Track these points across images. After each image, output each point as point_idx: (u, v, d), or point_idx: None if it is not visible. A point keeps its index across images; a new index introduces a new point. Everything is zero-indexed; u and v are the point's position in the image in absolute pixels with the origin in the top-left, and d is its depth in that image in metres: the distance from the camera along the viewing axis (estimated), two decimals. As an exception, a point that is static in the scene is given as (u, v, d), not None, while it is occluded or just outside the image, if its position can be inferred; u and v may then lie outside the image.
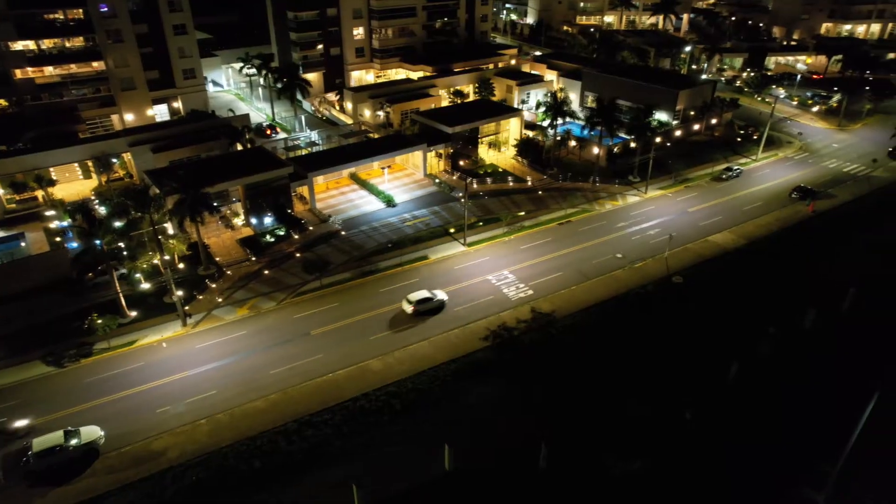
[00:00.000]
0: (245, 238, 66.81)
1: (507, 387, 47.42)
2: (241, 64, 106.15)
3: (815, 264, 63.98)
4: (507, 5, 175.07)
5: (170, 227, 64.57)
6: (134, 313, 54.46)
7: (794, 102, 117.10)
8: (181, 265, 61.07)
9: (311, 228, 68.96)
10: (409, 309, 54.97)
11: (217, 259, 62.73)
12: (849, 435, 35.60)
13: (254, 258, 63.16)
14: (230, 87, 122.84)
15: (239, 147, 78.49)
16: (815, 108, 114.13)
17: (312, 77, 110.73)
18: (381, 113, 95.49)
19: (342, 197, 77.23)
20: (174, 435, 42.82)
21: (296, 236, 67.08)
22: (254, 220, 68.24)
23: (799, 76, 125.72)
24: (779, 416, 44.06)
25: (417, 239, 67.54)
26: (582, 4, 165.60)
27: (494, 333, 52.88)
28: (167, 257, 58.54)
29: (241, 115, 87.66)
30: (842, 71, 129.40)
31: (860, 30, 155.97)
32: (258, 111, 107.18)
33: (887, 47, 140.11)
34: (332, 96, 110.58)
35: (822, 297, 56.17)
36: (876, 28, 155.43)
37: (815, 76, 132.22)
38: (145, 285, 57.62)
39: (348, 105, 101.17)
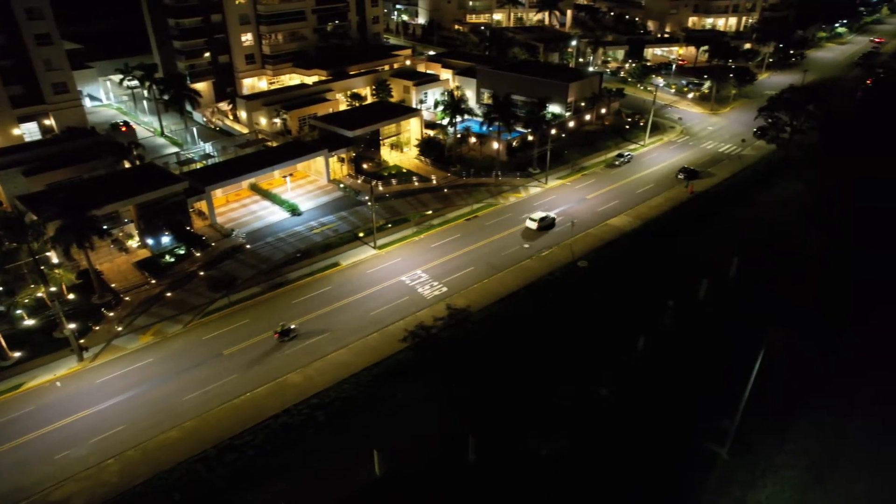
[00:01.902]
0: (142, 260, 62.87)
1: (429, 385, 47.83)
2: (121, 76, 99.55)
3: (702, 238, 69.31)
4: (398, 6, 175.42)
5: (54, 256, 59.51)
6: (17, 354, 49.80)
7: (672, 90, 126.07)
8: (71, 296, 56.53)
9: (213, 244, 66.02)
10: (533, 226, 69.88)
11: (112, 285, 58.59)
12: (742, 391, 38.98)
13: (154, 281, 59.60)
14: (110, 101, 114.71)
15: (127, 164, 73.63)
16: (691, 95, 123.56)
17: (202, 87, 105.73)
18: (277, 120, 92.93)
19: (244, 209, 74.50)
20: (77, 481, 39.63)
21: (198, 254, 63.98)
22: (150, 241, 64.36)
23: (673, 66, 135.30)
24: (683, 381, 47.42)
25: (327, 246, 66.48)
26: (471, 3, 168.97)
27: (413, 333, 53.14)
28: (53, 289, 53.96)
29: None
30: (709, 60, 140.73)
31: (720, 23, 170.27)
32: (145, 126, 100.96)
33: (743, 38, 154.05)
34: (224, 106, 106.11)
35: (712, 267, 60.92)
36: (733, 21, 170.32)
37: (680, 62, 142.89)
38: (29, 321, 52.84)
39: (242, 114, 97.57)
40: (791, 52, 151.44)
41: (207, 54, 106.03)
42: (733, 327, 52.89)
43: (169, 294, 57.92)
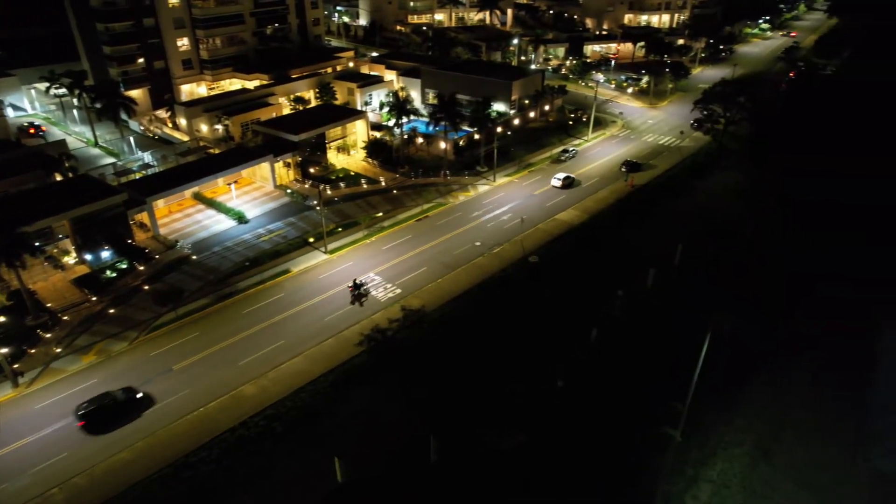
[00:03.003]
0: (81, 277, 60.03)
1: (388, 388, 47.57)
2: (47, 84, 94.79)
3: (647, 229, 71.49)
4: (339, 8, 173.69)
5: (-18, 277, 56.24)
6: (-52, 382, 46.82)
7: (612, 86, 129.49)
8: (1, 318, 53.42)
9: (157, 257, 63.73)
10: (558, 184, 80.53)
11: (49, 305, 55.73)
12: (692, 375, 40.39)
13: (94, 298, 57.04)
14: (36, 110, 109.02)
15: (59, 177, 70.16)
16: (630, 90, 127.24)
17: (137, 94, 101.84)
18: (219, 127, 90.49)
19: (188, 219, 72.21)
20: (21, 511, 37.65)
21: (141, 267, 61.63)
22: (88, 257, 61.58)
23: (612, 63, 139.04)
24: (635, 368, 48.79)
25: (276, 253, 65.20)
26: (412, 4, 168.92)
27: (368, 337, 52.73)
28: (-17, 312, 50.95)
29: (57, 142, 78.37)
30: (646, 56, 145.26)
31: (655, 20, 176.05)
32: (76, 136, 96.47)
33: (677, 34, 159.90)
34: (162, 113, 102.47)
35: (657, 257, 62.85)
36: (666, 18, 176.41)
37: (612, 55, 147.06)
38: (-41, 348, 49.70)
39: (182, 121, 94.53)
40: (721, 47, 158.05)
41: (141, 60, 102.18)
42: (680, 314, 54.72)
43: (112, 310, 55.58)
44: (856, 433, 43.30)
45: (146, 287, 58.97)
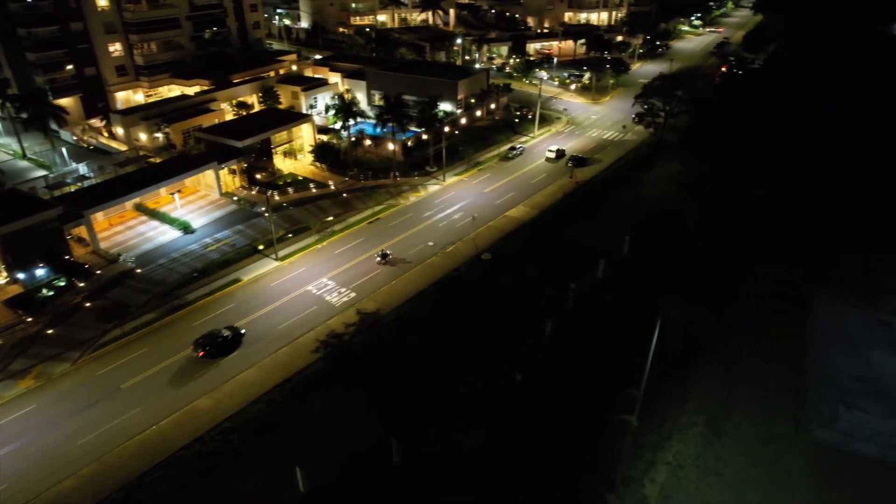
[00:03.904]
0: (14, 297, 56.96)
1: (346, 393, 47.12)
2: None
3: (596, 221, 73.18)
4: (279, 10, 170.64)
5: None
6: None
7: (556, 83, 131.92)
8: (-70, 345, 50.28)
9: (98, 272, 61.13)
10: (552, 156, 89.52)
11: (-20, 329, 52.71)
12: (645, 361, 41.58)
13: (30, 318, 54.23)
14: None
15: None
16: (573, 87, 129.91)
17: (67, 102, 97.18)
18: (159, 135, 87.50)
19: (130, 231, 69.54)
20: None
21: (81, 284, 58.97)
22: (21, 276, 58.49)
23: (555, 59, 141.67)
24: (591, 358, 49.89)
25: (225, 262, 63.57)
26: (354, 5, 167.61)
27: (325, 343, 52.07)
28: None
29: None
30: (586, 53, 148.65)
31: (594, 17, 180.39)
32: (1, 149, 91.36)
33: (615, 31, 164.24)
34: (97, 122, 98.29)
35: (606, 248, 64.42)
36: (605, 16, 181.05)
37: (547, 52, 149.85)
38: None
39: (119, 130, 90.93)
40: (657, 43, 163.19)
41: (70, 67, 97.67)
42: (631, 303, 56.23)
43: (50, 331, 52.98)
44: (796, 406, 45.55)
45: (88, 304, 56.50)
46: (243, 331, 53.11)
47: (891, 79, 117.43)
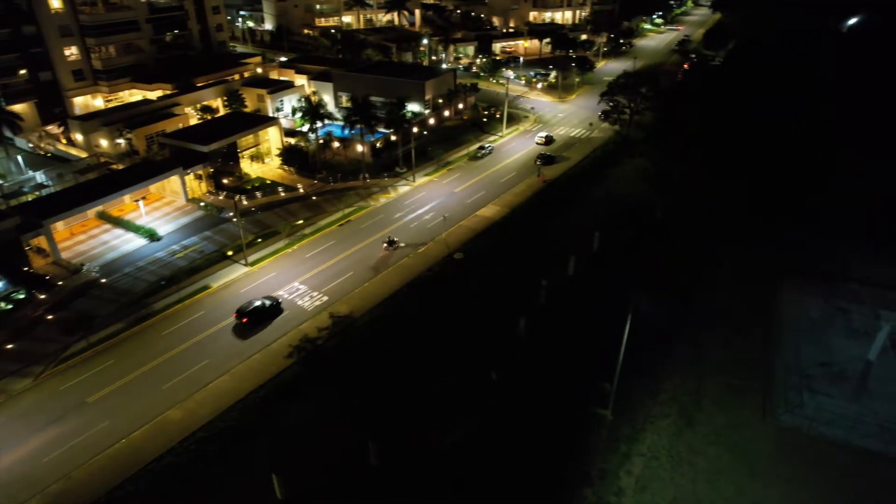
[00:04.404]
0: (-29, 312, 55.04)
1: (322, 398, 46.72)
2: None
3: (566, 218, 73.98)
4: (242, 13, 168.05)
5: None
6: None
7: (522, 81, 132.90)
8: None
9: (60, 283, 59.39)
10: (541, 141, 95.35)
11: (-65, 346, 50.75)
12: (617, 355, 42.29)
13: (-11, 333, 52.45)
14: None
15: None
16: (540, 85, 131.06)
17: (22, 108, 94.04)
18: (121, 141, 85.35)
19: (94, 241, 67.72)
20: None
21: (42, 296, 57.21)
22: (-21, 289, 56.53)
23: (521, 58, 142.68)
24: (565, 353, 50.44)
25: (194, 269, 62.42)
26: (318, 6, 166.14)
27: (298, 348, 51.51)
28: None
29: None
30: (552, 51, 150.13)
31: (558, 16, 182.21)
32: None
33: (579, 30, 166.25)
34: (54, 128, 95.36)
35: (577, 244, 65.14)
36: (569, 15, 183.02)
37: (508, 50, 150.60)
38: None
39: (78, 136, 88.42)
40: (621, 41, 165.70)
41: (24, 71, 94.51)
42: (602, 298, 57.01)
43: (10, 346, 51.27)
44: (764, 393, 46.79)
45: (50, 317, 54.86)
46: (280, 301, 56.81)
47: (843, 75, 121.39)
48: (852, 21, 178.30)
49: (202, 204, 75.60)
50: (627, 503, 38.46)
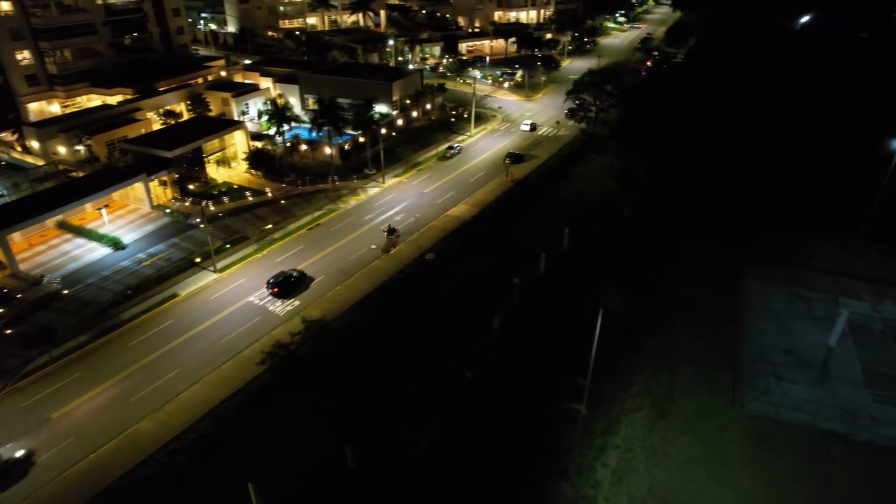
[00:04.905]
0: (-75, 329, 52.93)
1: (297, 403, 46.23)
2: None
3: (536, 215, 74.62)
4: (204, 15, 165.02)
5: None
6: None
7: (489, 81, 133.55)
8: None
9: (19, 296, 57.50)
10: (527, 129, 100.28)
11: None
12: (590, 350, 42.82)
13: (-55, 350, 50.50)
14: None
15: None
16: (506, 85, 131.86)
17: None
18: (80, 147, 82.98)
19: (54, 251, 65.75)
20: None
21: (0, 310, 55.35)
22: (-67, 304, 54.40)
23: (487, 58, 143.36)
24: (538, 350, 50.88)
25: (161, 277, 61.14)
26: (282, 8, 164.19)
27: (270, 354, 50.82)
28: None
29: None
30: (518, 51, 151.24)
31: (523, 16, 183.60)
32: None
33: (544, 29, 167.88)
34: (8, 136, 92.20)
35: (547, 242, 65.74)
36: (533, 14, 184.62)
37: (469, 50, 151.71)
38: None
39: (34, 144, 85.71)
40: (585, 39, 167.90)
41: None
42: (574, 294, 57.65)
43: (-31, 362, 49.51)
44: (732, 382, 47.96)
45: (9, 331, 53.08)
46: (301, 274, 60.82)
47: (796, 71, 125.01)
48: (804, 19, 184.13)
49: (168, 210, 74.07)
50: (605, 496, 39.03)
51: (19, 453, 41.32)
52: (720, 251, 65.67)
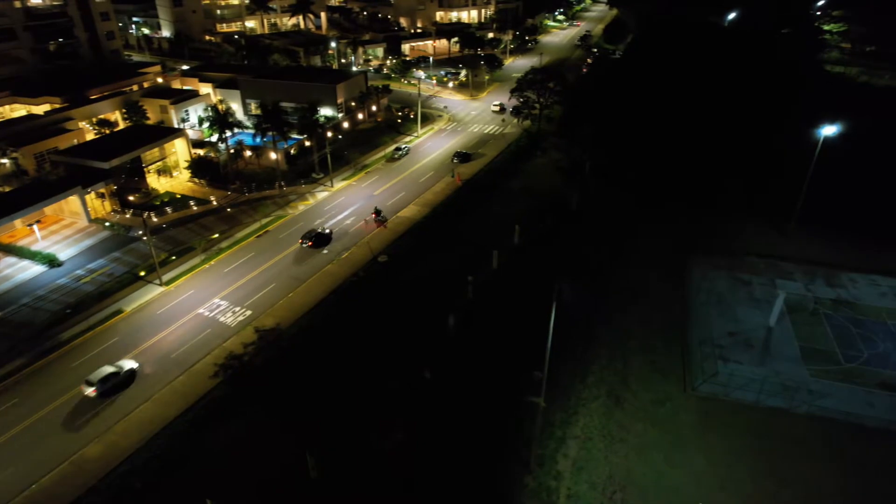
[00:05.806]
0: None
1: (254, 415, 45.15)
2: None
3: (486, 213, 75.27)
4: (135, 19, 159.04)
5: None
6: None
7: (434, 81, 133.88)
8: None
9: (-54, 321, 54.07)
10: (496, 108, 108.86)
11: None
12: (545, 343, 43.49)
13: None
14: None
15: None
16: (451, 84, 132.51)
17: None
18: (5, 161, 78.57)
19: (-18, 272, 62.12)
20: None
21: (-74, 337, 51.88)
22: None
23: (431, 58, 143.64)
24: (495, 347, 51.37)
25: (104, 293, 58.60)
26: (219, 12, 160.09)
27: (224, 366, 49.53)
28: None
29: None
30: (461, 50, 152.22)
31: (464, 16, 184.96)
32: None
33: (486, 28, 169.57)
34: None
35: (499, 238, 66.36)
36: (475, 14, 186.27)
37: (416, 48, 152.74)
38: None
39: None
40: (526, 38, 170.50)
41: None
42: (527, 288, 58.51)
43: None
44: (683, 366, 49.71)
45: (-62, 359, 49.82)
46: (329, 231, 68.31)
47: (727, 67, 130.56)
48: (731, 16, 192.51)
49: (107, 224, 71.07)
50: (567, 486, 39.78)
51: (-45, 488, 38.88)
52: (665, 240, 67.92)
